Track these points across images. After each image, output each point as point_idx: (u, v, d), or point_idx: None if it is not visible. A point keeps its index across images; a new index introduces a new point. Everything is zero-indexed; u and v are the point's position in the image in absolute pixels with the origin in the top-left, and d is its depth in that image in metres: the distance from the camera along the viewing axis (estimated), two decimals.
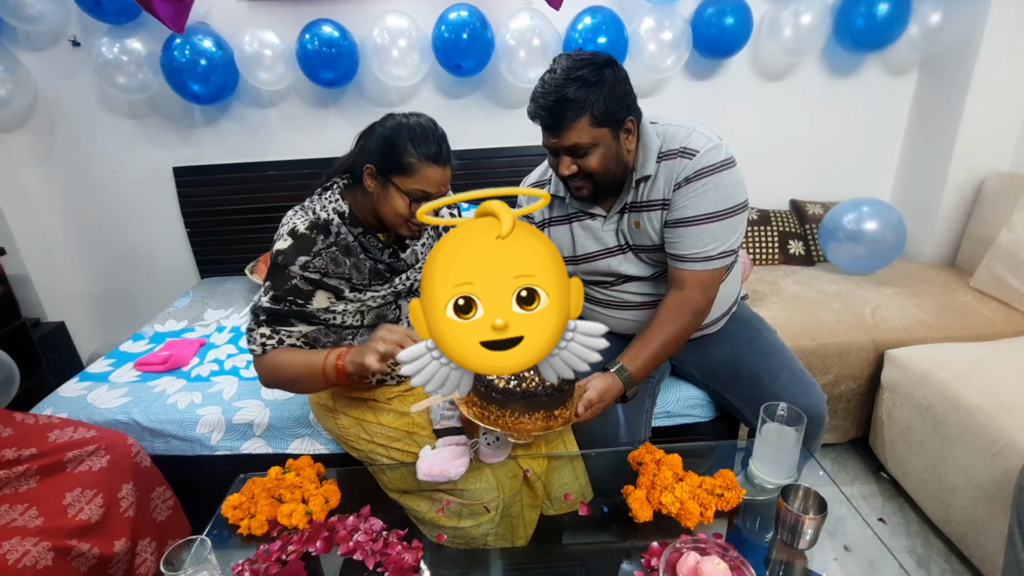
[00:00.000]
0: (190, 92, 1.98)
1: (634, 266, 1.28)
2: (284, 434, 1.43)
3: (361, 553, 0.96)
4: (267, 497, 1.06)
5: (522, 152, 2.25)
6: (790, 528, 0.94)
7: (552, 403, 0.95)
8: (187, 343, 1.75)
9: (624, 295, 1.33)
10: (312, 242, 1.07)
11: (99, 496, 1.20)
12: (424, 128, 1.06)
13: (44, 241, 2.30)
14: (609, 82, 1.08)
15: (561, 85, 1.06)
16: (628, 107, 1.12)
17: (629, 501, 1.02)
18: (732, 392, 1.38)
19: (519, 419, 0.94)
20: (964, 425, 1.38)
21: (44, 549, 1.02)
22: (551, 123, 1.09)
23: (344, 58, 1.98)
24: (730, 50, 2.06)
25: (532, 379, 0.95)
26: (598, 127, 1.09)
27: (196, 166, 2.22)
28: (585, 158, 1.11)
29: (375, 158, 1.06)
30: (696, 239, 1.15)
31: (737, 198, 1.16)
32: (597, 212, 1.26)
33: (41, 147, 2.20)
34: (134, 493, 1.28)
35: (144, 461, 1.34)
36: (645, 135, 1.18)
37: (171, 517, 1.36)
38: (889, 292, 1.95)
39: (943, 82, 2.15)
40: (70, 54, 2.06)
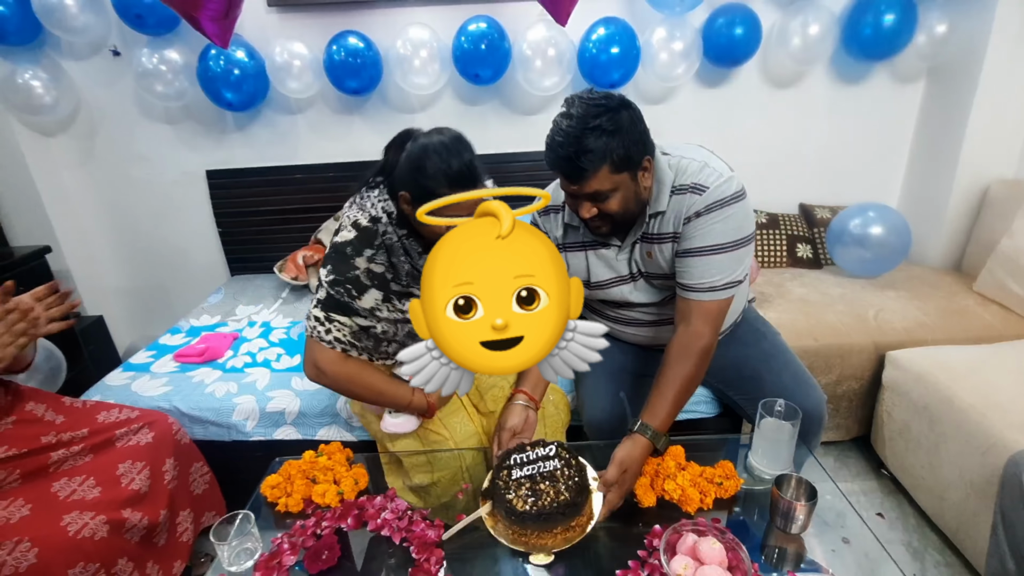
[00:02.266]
0: (223, 100, 2.09)
1: (644, 293, 1.32)
2: (313, 422, 1.53)
3: (388, 529, 1.05)
4: (302, 478, 1.16)
5: (537, 157, 2.32)
6: (783, 514, 1.02)
7: (567, 516, 0.97)
8: (221, 337, 1.86)
9: (634, 314, 1.39)
10: (375, 234, 1.13)
11: (146, 468, 1.30)
12: (450, 151, 1.05)
13: (84, 239, 2.43)
14: (626, 127, 1.07)
15: (579, 136, 1.05)
16: (644, 147, 1.12)
17: (635, 489, 1.10)
18: (736, 391, 1.45)
19: (540, 537, 0.97)
20: (957, 424, 1.45)
21: (100, 522, 1.13)
22: (571, 173, 1.09)
23: (368, 67, 2.08)
24: (740, 59, 2.13)
25: (547, 492, 0.97)
26: (618, 173, 1.09)
27: (228, 169, 2.34)
28: (606, 202, 1.12)
29: (407, 184, 1.08)
30: (704, 269, 1.16)
31: (745, 231, 1.17)
32: (612, 242, 1.28)
33: (82, 150, 2.33)
34: (175, 467, 1.37)
35: (184, 439, 1.43)
36: (659, 169, 1.18)
37: (208, 491, 1.46)
38: (893, 295, 2.01)
39: (949, 90, 2.20)
40: (110, 63, 2.19)
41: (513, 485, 1.01)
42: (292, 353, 1.78)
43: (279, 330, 1.94)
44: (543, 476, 1.02)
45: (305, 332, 1.18)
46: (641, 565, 0.96)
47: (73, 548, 1.06)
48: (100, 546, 1.10)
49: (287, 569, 0.99)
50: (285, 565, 0.99)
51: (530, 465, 1.04)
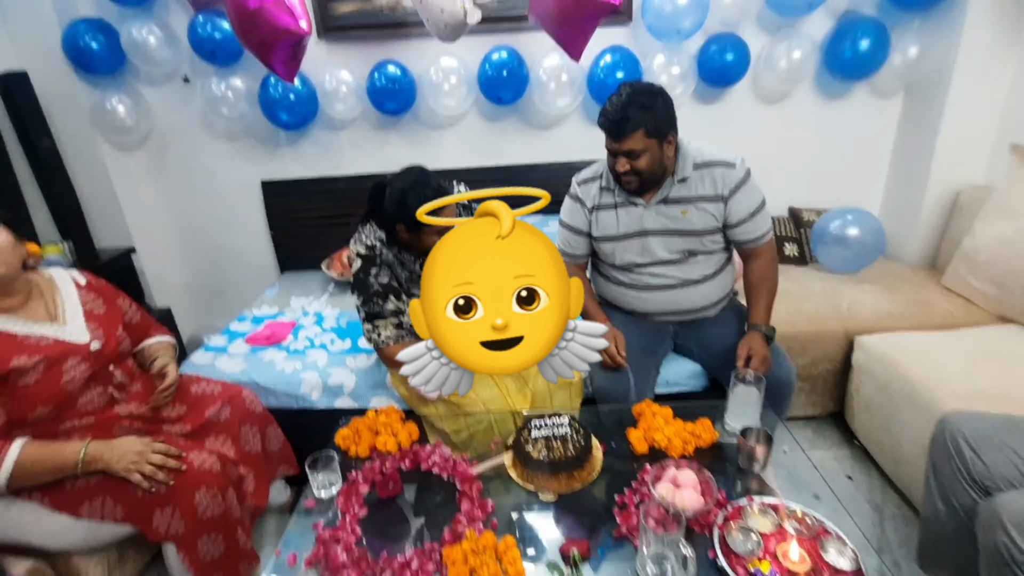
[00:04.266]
0: (279, 120, 2.41)
1: (664, 249, 1.66)
2: (367, 393, 1.84)
3: (438, 468, 1.35)
4: (367, 430, 1.46)
5: (552, 167, 2.61)
6: (747, 456, 1.30)
7: (571, 468, 1.24)
8: (282, 324, 2.18)
9: (646, 278, 1.71)
10: (374, 257, 1.54)
11: (229, 439, 1.59)
12: (421, 184, 1.44)
13: (155, 241, 2.77)
14: (660, 106, 1.49)
15: (626, 106, 1.47)
16: (672, 125, 1.54)
17: (630, 438, 1.39)
18: (721, 363, 1.73)
19: (548, 480, 1.23)
20: (909, 396, 1.71)
21: (214, 460, 1.44)
22: (615, 133, 1.51)
23: (405, 92, 2.38)
24: (731, 80, 2.39)
25: (558, 449, 1.25)
26: (649, 138, 1.50)
27: (280, 180, 2.66)
28: (637, 160, 1.52)
29: (399, 219, 1.46)
30: (760, 224, 1.64)
31: (762, 193, 1.64)
32: (639, 202, 1.65)
33: (155, 165, 2.66)
34: (253, 432, 1.65)
35: (258, 408, 1.70)
36: (683, 147, 1.62)
37: (282, 448, 1.75)
38: (868, 288, 2.26)
39: (923, 105, 2.44)
40: (181, 88, 2.51)
41: (532, 441, 1.30)
42: (343, 337, 2.09)
43: (330, 319, 2.25)
44: (556, 437, 1.30)
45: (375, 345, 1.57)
46: (634, 493, 1.24)
47: (197, 475, 1.37)
48: (216, 476, 1.40)
49: (362, 495, 1.29)
50: (361, 492, 1.29)
51: (547, 428, 1.33)
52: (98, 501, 1.34)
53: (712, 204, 1.62)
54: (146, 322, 1.68)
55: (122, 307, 1.59)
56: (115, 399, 1.46)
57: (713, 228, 1.64)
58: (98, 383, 1.42)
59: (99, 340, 1.43)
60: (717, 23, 2.31)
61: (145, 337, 1.65)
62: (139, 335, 1.63)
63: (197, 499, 1.35)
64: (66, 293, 1.47)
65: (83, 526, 1.35)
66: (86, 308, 1.47)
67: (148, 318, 1.69)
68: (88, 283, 1.54)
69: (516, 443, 1.33)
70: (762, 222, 1.64)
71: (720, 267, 1.72)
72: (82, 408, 1.39)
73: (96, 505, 1.34)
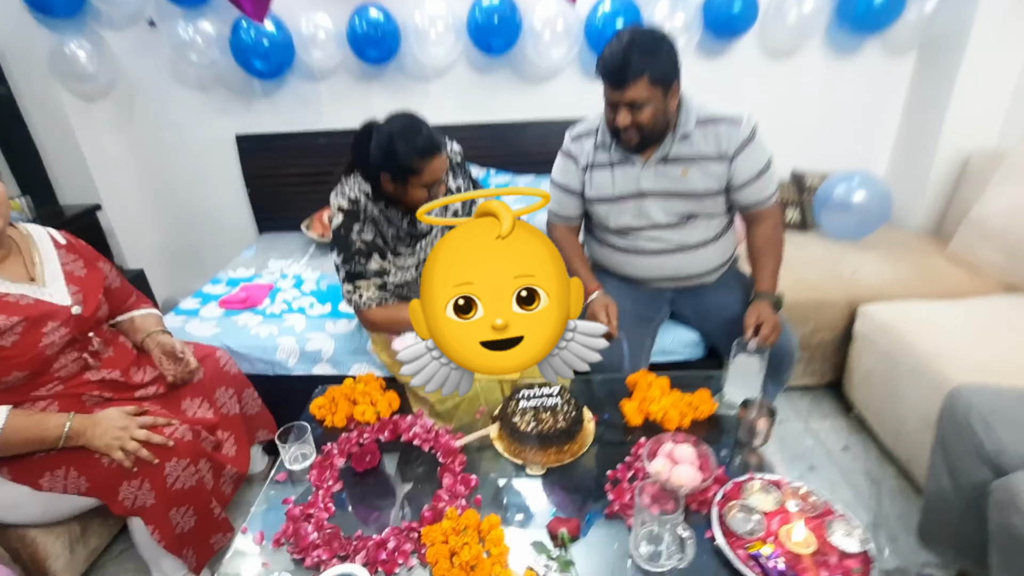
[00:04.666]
0: (253, 68, 2.24)
1: (661, 212, 1.55)
2: (346, 360, 1.75)
3: (419, 440, 1.27)
4: (345, 399, 1.37)
5: (545, 125, 2.47)
6: (748, 430, 1.22)
7: (561, 441, 1.17)
8: (259, 287, 2.07)
9: (642, 243, 1.60)
10: (357, 212, 1.40)
11: (205, 401, 1.52)
12: (411, 130, 1.31)
13: (125, 199, 2.62)
14: (665, 51, 1.35)
15: (628, 50, 1.32)
16: (677, 74, 1.39)
17: (624, 409, 1.31)
18: (720, 332, 1.65)
19: (536, 453, 1.16)
20: (913, 367, 1.64)
21: (186, 429, 1.35)
22: (616, 80, 1.35)
23: (388, 38, 2.22)
24: (738, 32, 2.25)
25: (547, 420, 1.17)
26: (654, 87, 1.35)
27: (256, 134, 2.51)
28: (640, 112, 1.38)
29: (385, 167, 1.34)
30: (766, 185, 1.51)
31: (768, 151, 1.50)
32: (636, 160, 1.52)
33: (121, 116, 2.49)
34: (230, 394, 1.57)
35: (232, 369, 1.62)
36: (685, 101, 1.47)
37: (260, 412, 1.67)
38: (871, 256, 2.18)
39: (937, 64, 2.32)
40: (147, 33, 2.33)
41: (520, 412, 1.23)
42: (324, 301, 1.98)
43: (309, 282, 2.14)
44: (545, 408, 1.23)
45: (354, 307, 1.47)
46: (628, 468, 1.17)
47: (168, 446, 1.28)
48: (188, 446, 1.31)
49: (337, 468, 1.21)
50: (336, 465, 1.21)
51: (536, 399, 1.25)
52: (60, 472, 1.25)
53: (715, 164, 1.49)
54: (126, 290, 1.57)
55: (103, 271, 1.48)
56: (88, 365, 1.36)
57: (715, 190, 1.52)
58: (74, 348, 1.33)
59: (80, 304, 1.34)
60: None
61: (124, 305, 1.55)
62: (118, 303, 1.53)
63: (167, 470, 1.27)
64: (45, 252, 1.36)
65: (42, 498, 1.27)
66: (66, 269, 1.37)
67: (129, 286, 1.59)
68: (68, 243, 1.43)
69: (503, 414, 1.26)
70: (768, 183, 1.52)
71: (721, 231, 1.62)
72: (54, 374, 1.31)
73: (59, 476, 1.25)
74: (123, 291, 1.55)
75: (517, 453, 1.21)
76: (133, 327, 1.52)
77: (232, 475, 1.46)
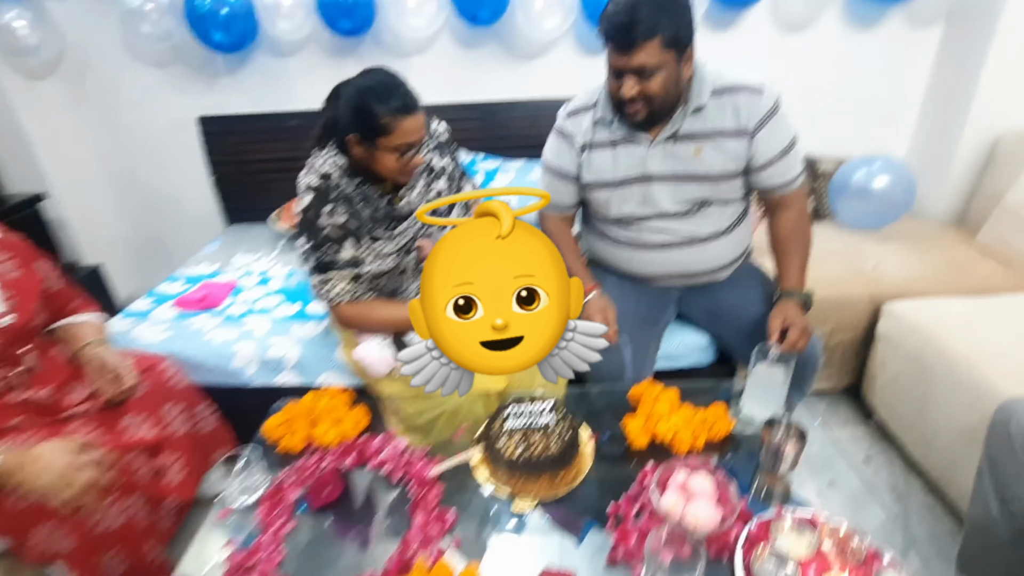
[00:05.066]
0: (212, 41, 2.02)
1: (669, 199, 1.35)
2: (313, 368, 1.55)
3: (388, 467, 1.08)
4: (304, 419, 1.18)
5: (538, 104, 2.26)
6: (772, 454, 1.04)
7: (554, 468, 1.01)
8: (220, 285, 1.87)
9: (647, 235, 1.41)
10: (328, 190, 1.22)
11: (149, 418, 1.33)
12: (386, 85, 1.16)
13: (80, 186, 2.40)
14: (681, 6, 1.15)
15: (636, 6, 1.11)
16: (691, 35, 1.19)
17: (627, 429, 1.13)
18: (734, 335, 1.47)
19: (525, 484, 1.01)
20: (949, 372, 1.47)
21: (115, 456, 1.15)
22: (623, 42, 1.14)
23: (362, 6, 2.00)
24: (749, 0, 2.04)
25: (538, 443, 1.02)
26: (667, 50, 1.14)
27: (220, 116, 2.29)
28: (649, 80, 1.17)
29: (353, 128, 1.17)
30: (791, 165, 1.32)
31: (793, 127, 1.31)
32: (642, 138, 1.31)
33: (72, 94, 2.27)
34: (177, 410, 1.38)
35: (181, 381, 1.43)
36: (699, 67, 1.27)
37: (216, 430, 1.48)
38: (893, 248, 2.00)
39: (966, 36, 2.12)
40: (95, 2, 2.10)
41: (506, 433, 1.05)
42: (293, 300, 1.78)
43: (277, 279, 1.94)
44: (536, 428, 1.05)
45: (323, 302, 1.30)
46: (633, 501, 0.98)
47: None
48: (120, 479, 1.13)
49: (290, 503, 1.02)
50: (288, 499, 1.03)
51: (525, 416, 1.07)
52: None
53: (734, 140, 1.29)
54: (69, 292, 1.37)
55: (42, 272, 1.28)
56: (11, 386, 1.16)
57: (733, 172, 1.33)
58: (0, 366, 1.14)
59: (12, 313, 1.14)
60: None
61: (64, 310, 1.35)
62: (58, 307, 1.33)
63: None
64: None
65: None
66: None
67: (71, 288, 1.39)
68: (1, 239, 1.22)
69: (487, 434, 1.08)
70: (794, 163, 1.32)
71: (736, 220, 1.42)
72: None
73: None
74: (64, 294, 1.35)
75: (503, 482, 1.03)
76: (69, 335, 1.32)
77: (175, 505, 1.27)
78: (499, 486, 1.03)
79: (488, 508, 1.02)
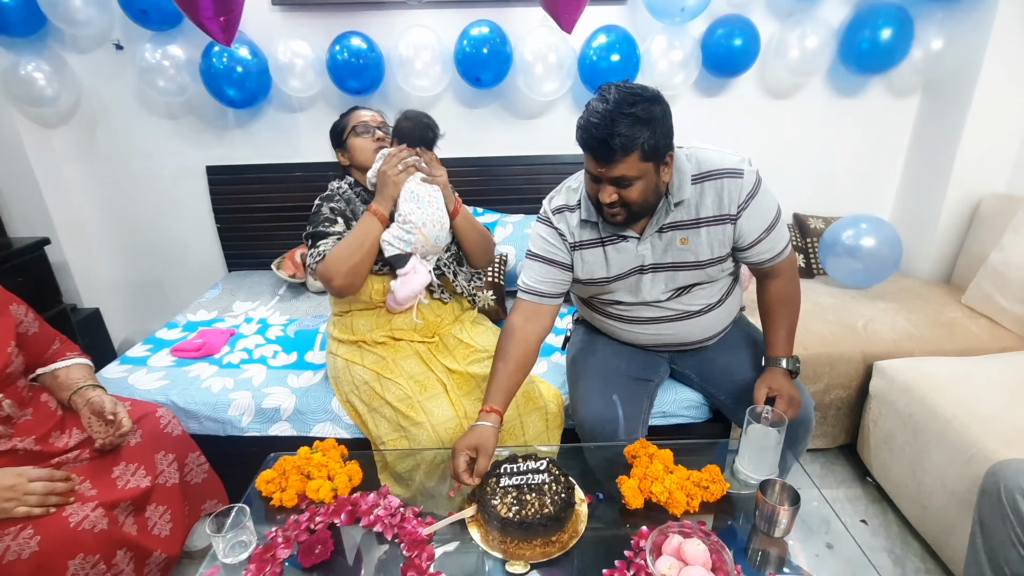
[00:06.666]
0: (226, 97, 2.10)
1: (661, 284, 1.34)
2: (308, 419, 1.55)
3: (381, 526, 1.07)
4: (297, 473, 1.17)
5: (536, 161, 2.35)
6: (767, 518, 1.04)
7: (549, 529, 1.00)
8: (218, 332, 1.88)
9: (636, 312, 1.41)
10: (332, 194, 1.54)
11: (140, 468, 1.31)
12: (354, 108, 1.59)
13: (83, 232, 2.44)
14: (659, 118, 1.10)
15: (615, 118, 1.07)
16: (671, 143, 1.17)
17: (622, 489, 1.12)
18: (727, 395, 1.47)
19: (519, 545, 1.00)
20: (941, 433, 1.47)
21: (99, 515, 1.13)
22: (601, 155, 1.12)
23: (370, 68, 2.10)
24: (738, 69, 2.15)
25: (532, 503, 1.02)
26: (645, 162, 1.13)
27: (228, 165, 2.35)
28: (628, 189, 1.15)
29: (334, 145, 1.57)
30: (777, 240, 1.31)
31: (776, 201, 1.31)
32: (630, 234, 1.31)
33: (83, 143, 2.33)
34: (169, 460, 1.36)
35: (175, 430, 1.42)
36: (677, 160, 1.24)
37: (207, 480, 1.46)
38: (883, 306, 2.04)
39: (944, 104, 2.23)
40: (113, 57, 2.19)
41: (500, 492, 1.05)
42: (288, 350, 1.79)
43: (276, 327, 1.95)
44: (531, 488, 1.06)
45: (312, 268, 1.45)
46: (627, 565, 0.98)
47: (73, 539, 1.07)
48: (100, 538, 1.10)
49: (281, 562, 1.01)
50: (279, 558, 1.01)
51: (519, 475, 1.08)
52: None
53: (718, 227, 1.27)
54: (47, 335, 1.37)
55: (16, 315, 1.28)
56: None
57: (720, 256, 1.32)
58: None
59: None
60: (724, 3, 2.08)
61: (45, 354, 1.35)
62: (37, 352, 1.33)
63: (71, 570, 1.06)
64: None
65: None
66: None
67: (50, 330, 1.39)
68: None
69: (480, 493, 1.08)
70: (779, 237, 1.31)
71: (726, 294, 1.43)
72: None
73: None
74: (42, 337, 1.35)
75: (496, 542, 1.02)
76: (57, 382, 1.32)
77: (161, 561, 1.24)
78: (493, 546, 1.02)
79: (480, 570, 1.01)
